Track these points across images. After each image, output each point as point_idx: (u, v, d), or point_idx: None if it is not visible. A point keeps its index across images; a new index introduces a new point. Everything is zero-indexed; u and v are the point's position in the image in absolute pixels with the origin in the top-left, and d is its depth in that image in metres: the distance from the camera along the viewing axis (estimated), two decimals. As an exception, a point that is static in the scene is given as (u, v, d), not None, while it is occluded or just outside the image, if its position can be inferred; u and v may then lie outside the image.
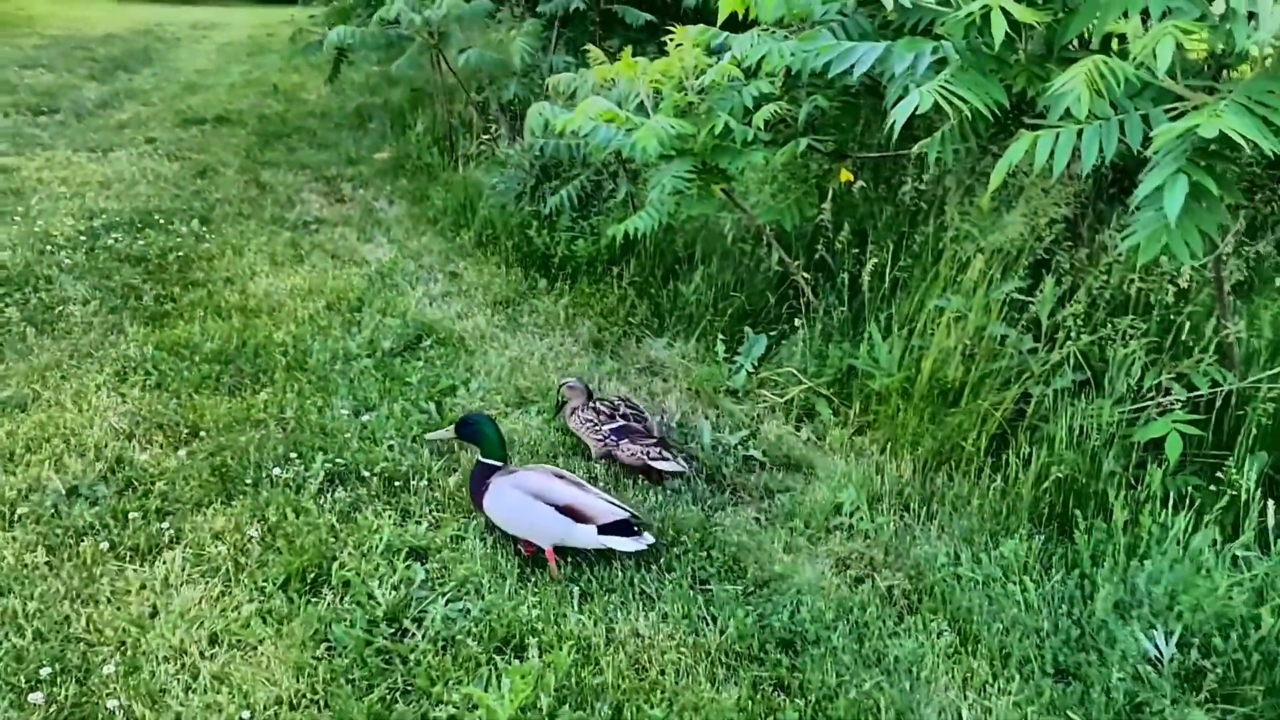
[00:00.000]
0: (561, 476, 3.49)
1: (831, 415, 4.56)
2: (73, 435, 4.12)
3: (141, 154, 9.23)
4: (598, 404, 4.19)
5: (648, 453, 3.98)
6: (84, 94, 12.37)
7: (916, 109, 2.93)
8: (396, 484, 3.90)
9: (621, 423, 4.08)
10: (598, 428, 4.10)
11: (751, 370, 4.94)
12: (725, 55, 4.67)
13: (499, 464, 3.54)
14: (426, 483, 3.92)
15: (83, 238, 6.61)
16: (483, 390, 4.76)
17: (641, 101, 4.81)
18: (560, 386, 4.35)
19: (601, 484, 3.98)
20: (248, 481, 3.84)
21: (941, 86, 2.88)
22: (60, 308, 5.47)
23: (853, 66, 3.43)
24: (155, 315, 5.41)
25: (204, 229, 6.98)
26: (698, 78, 4.66)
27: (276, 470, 3.90)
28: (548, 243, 6.14)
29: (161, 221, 7.03)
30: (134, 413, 4.34)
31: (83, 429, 4.17)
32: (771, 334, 5.09)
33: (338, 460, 4.01)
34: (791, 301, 5.20)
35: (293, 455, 4.04)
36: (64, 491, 3.73)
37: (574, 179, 6.11)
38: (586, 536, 3.35)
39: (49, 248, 6.39)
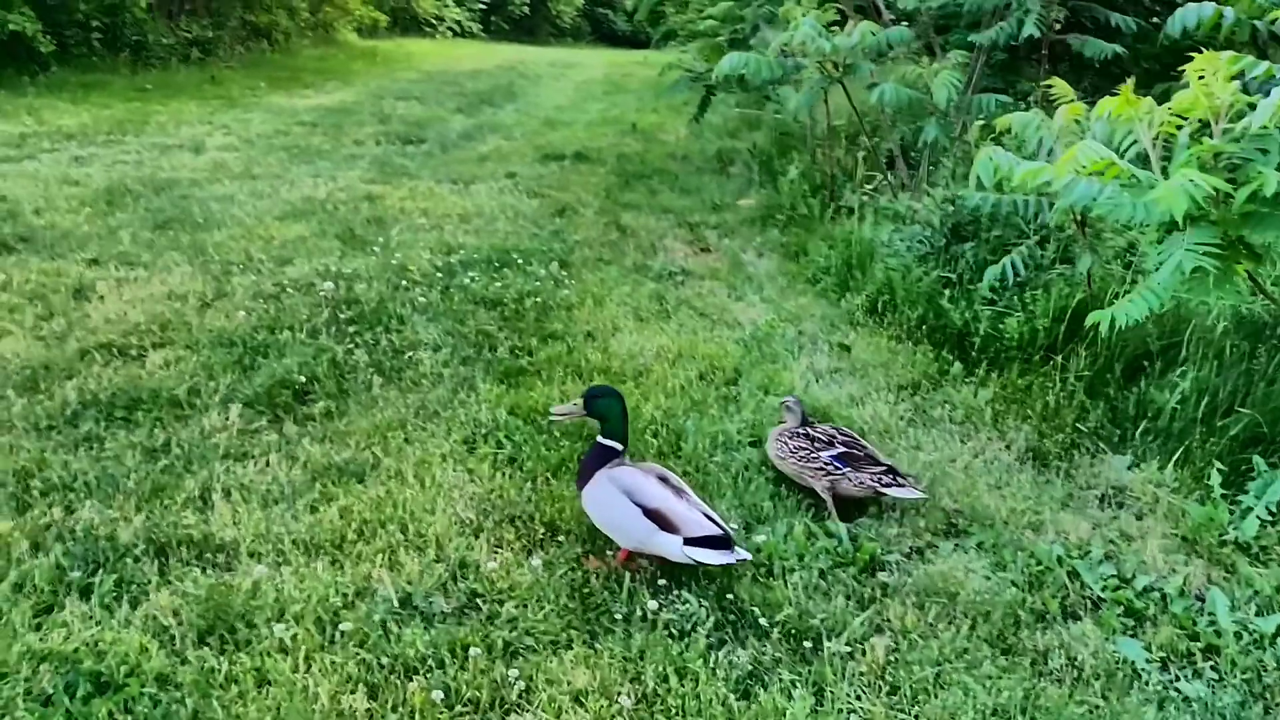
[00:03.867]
0: (665, 479, 3.20)
1: None
2: (412, 521, 3.40)
3: (501, 188, 8.87)
4: (810, 430, 3.73)
5: (879, 480, 3.52)
6: (450, 126, 12.43)
7: None
8: (806, 644, 2.90)
9: (843, 449, 3.62)
10: (814, 455, 3.62)
11: (1267, 518, 3.62)
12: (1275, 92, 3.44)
13: (618, 447, 3.27)
14: (847, 647, 2.90)
15: (439, 274, 6.11)
16: (899, 508, 3.71)
17: (1143, 152, 3.64)
18: (780, 406, 3.90)
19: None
20: (617, 615, 2.96)
21: None
22: (410, 353, 4.90)
23: None
24: (510, 371, 4.72)
25: (563, 273, 6.35)
26: (1233, 121, 3.45)
27: (652, 604, 3.00)
28: (965, 317, 5.01)
29: (519, 262, 6.45)
30: (483, 497, 3.59)
31: (423, 514, 3.44)
32: (1297, 470, 3.75)
33: (726, 599, 3.07)
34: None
35: (671, 584, 3.13)
36: (396, 601, 2.98)
37: (1013, 243, 4.97)
38: (670, 546, 3.03)
39: (404, 283, 5.92)
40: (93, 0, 14.53)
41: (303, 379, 4.46)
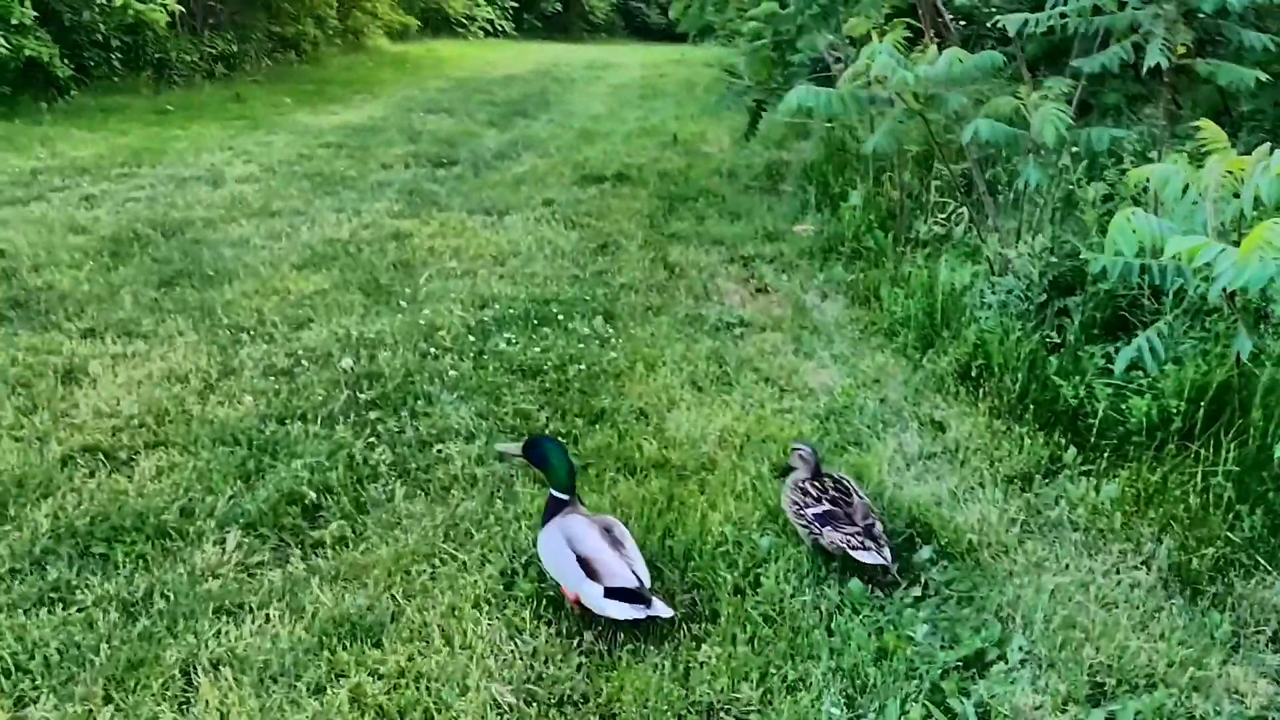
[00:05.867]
0: (609, 530, 3.26)
1: None
2: (438, 709, 2.77)
3: (538, 218, 8.24)
4: (809, 484, 3.58)
5: (848, 541, 3.36)
6: (483, 143, 11.84)
7: None
8: None
9: (827, 506, 3.48)
10: (803, 511, 3.51)
11: None
12: None
13: (564, 497, 3.37)
14: None
15: (471, 338, 5.48)
16: (1031, 664, 3.03)
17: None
18: (791, 451, 3.74)
19: None
20: None
21: None
22: (439, 446, 4.28)
23: None
24: (553, 468, 4.07)
25: (608, 328, 5.70)
26: None
27: (745, 847, 2.36)
28: (1079, 394, 4.32)
29: (560, 317, 5.81)
30: (525, 667, 2.95)
31: (453, 696, 2.81)
32: None
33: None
34: None
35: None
36: (418, 844, 2.35)
37: (1122, 295, 4.27)
38: (593, 595, 3.08)
39: (433, 350, 5.30)
40: (112, 18, 13.97)
41: (313, 492, 3.85)
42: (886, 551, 3.34)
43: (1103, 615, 3.25)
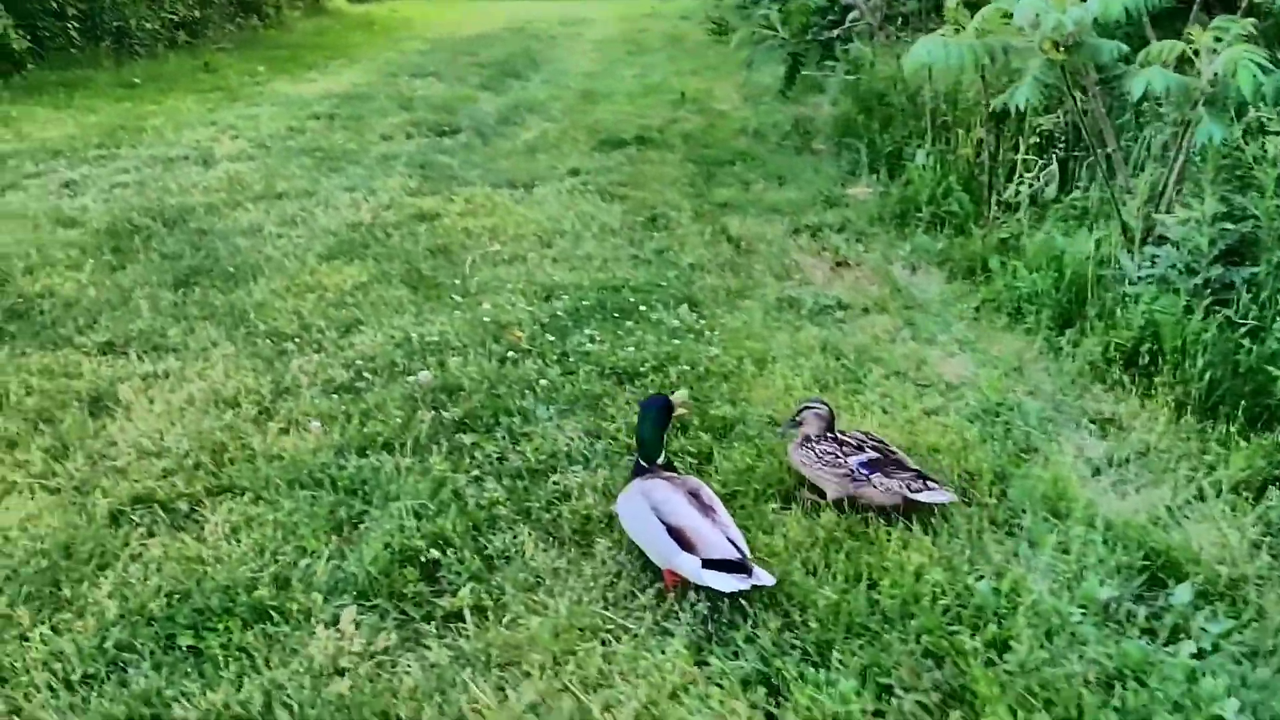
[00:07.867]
0: (696, 495, 3.02)
1: None
2: None
3: (570, 190, 7.53)
4: (841, 435, 3.48)
5: (908, 485, 3.28)
6: (481, 108, 11.07)
7: None
8: None
9: (872, 454, 3.37)
10: (840, 460, 3.36)
11: None
12: None
13: (645, 466, 3.20)
14: None
15: (549, 336, 4.80)
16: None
17: None
18: (801, 409, 3.55)
19: None
20: None
21: None
22: (555, 477, 3.63)
23: None
24: (697, 500, 3.43)
25: (697, 319, 5.05)
26: None
27: None
28: (1292, 385, 3.73)
29: (640, 306, 5.15)
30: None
31: (694, 839, 2.19)
32: None
33: None
34: None
35: None
36: None
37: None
38: (689, 567, 2.84)
39: (509, 353, 4.62)
40: (66, -17, 12.98)
41: (430, 547, 3.18)
42: (948, 489, 3.32)
43: None
